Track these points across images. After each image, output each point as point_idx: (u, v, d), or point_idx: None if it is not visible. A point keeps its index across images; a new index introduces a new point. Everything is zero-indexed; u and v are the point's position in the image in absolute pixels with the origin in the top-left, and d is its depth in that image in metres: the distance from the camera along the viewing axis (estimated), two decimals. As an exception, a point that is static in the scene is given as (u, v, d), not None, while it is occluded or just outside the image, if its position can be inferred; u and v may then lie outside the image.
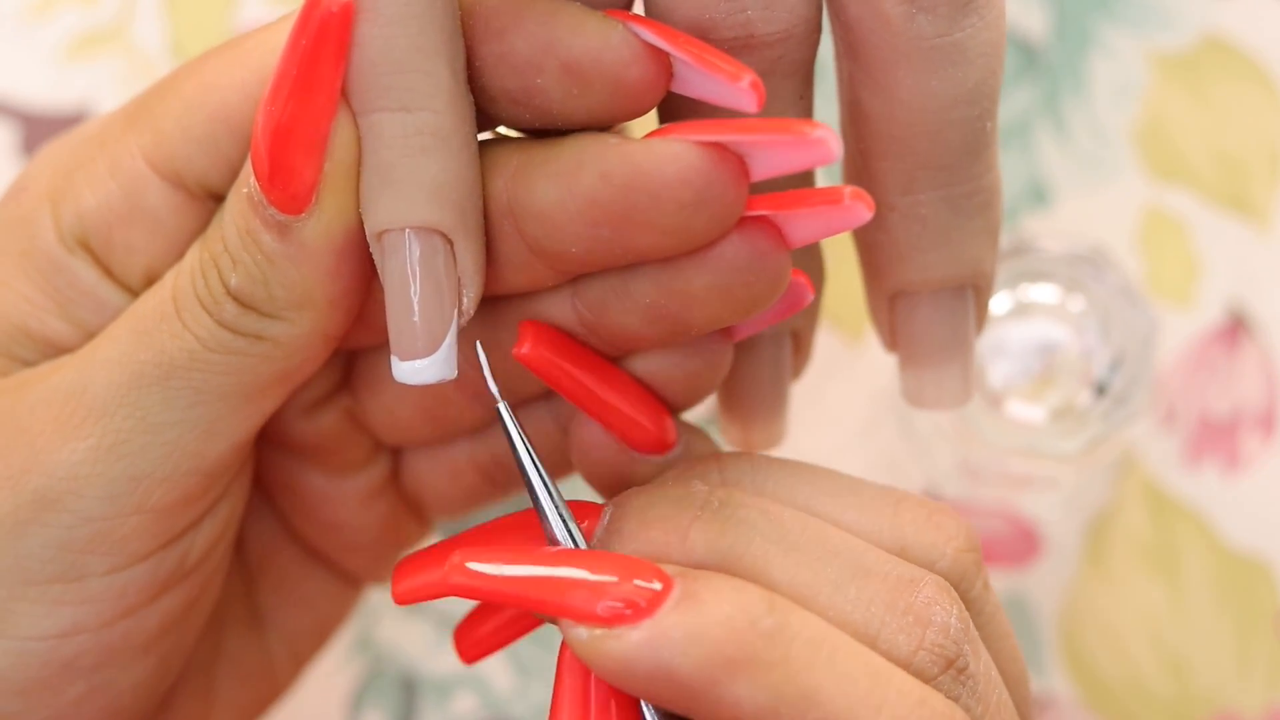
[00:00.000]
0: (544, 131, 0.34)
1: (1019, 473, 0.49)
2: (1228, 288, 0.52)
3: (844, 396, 0.41)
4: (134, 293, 0.36)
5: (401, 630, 0.51)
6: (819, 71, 0.36)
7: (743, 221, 0.33)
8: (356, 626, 0.50)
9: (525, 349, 0.35)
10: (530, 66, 0.33)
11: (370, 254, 0.34)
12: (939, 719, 0.31)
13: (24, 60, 0.54)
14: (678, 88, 0.33)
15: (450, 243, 0.33)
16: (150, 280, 0.36)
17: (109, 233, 0.36)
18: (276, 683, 0.42)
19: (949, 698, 0.32)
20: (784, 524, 0.33)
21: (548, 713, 0.49)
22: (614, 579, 0.31)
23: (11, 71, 0.54)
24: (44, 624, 0.35)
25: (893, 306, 0.38)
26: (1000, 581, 0.51)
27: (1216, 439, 0.52)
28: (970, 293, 0.38)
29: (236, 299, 0.34)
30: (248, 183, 0.33)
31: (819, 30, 0.35)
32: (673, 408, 0.37)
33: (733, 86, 0.32)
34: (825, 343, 0.52)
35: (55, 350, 0.36)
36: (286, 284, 0.33)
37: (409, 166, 0.33)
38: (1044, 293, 0.47)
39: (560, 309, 0.35)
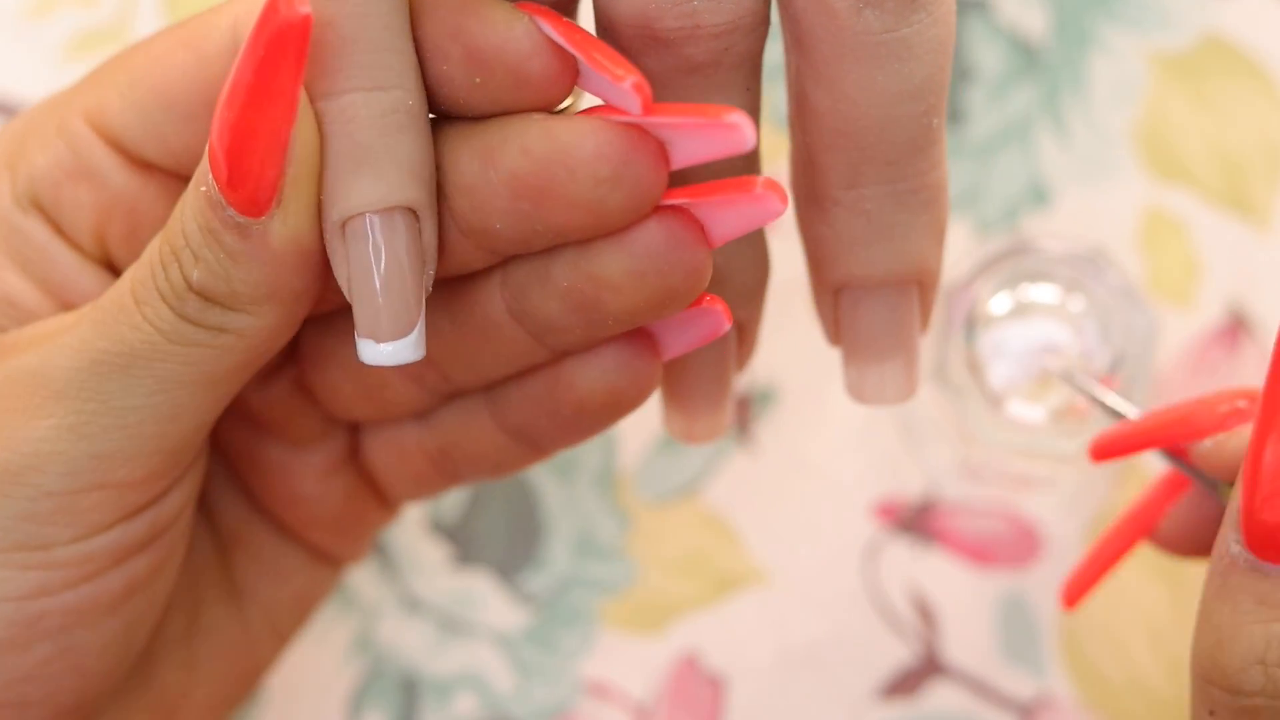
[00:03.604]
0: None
1: (1019, 473, 0.49)
2: (1228, 288, 0.52)
3: (844, 396, 0.41)
4: (83, 251, 0.37)
5: (401, 630, 0.51)
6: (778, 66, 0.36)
7: (662, 209, 0.34)
8: (356, 626, 0.50)
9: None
10: (437, 52, 0.34)
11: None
12: None
13: (24, 60, 0.54)
14: (582, 84, 0.34)
15: (419, 220, 0.33)
16: (99, 240, 0.37)
17: (57, 191, 0.37)
18: (257, 656, 0.43)
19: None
20: None
21: (552, 712, 0.49)
22: None
23: (11, 71, 0.54)
24: (7, 587, 0.36)
25: (837, 300, 0.38)
26: (1000, 581, 0.51)
27: (1216, 439, 0.52)
28: (914, 290, 0.38)
29: (200, 294, 0.34)
30: (206, 181, 0.33)
31: (767, 22, 0.35)
32: (600, 421, 0.37)
33: (617, 87, 0.33)
34: (825, 342, 0.52)
35: (17, 309, 0.37)
36: (250, 281, 0.34)
37: (386, 145, 0.33)
38: (1044, 293, 0.47)
39: (489, 295, 0.36)
